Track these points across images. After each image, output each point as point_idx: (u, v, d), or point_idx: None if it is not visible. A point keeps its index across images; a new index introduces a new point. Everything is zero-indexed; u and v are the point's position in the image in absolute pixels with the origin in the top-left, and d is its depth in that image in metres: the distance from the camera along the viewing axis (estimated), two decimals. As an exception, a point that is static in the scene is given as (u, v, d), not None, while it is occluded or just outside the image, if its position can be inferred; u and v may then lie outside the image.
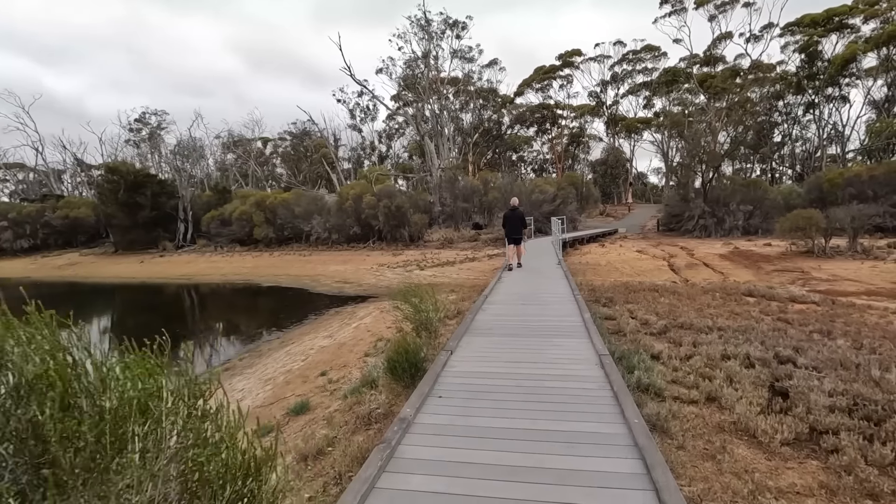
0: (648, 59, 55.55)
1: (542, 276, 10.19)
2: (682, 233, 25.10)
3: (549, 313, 6.69)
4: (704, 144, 25.85)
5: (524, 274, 10.66)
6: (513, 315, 6.73)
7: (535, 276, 10.21)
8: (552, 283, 8.92)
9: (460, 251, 24.65)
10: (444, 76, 41.20)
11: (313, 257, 26.87)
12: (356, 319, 11.83)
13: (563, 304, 7.16)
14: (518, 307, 7.22)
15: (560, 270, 10.54)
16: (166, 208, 32.45)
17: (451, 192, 29.15)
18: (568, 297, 7.68)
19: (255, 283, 22.56)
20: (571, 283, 8.61)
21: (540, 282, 9.25)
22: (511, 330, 5.90)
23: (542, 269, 11.40)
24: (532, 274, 10.61)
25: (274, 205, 29.73)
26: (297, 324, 13.37)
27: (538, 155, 65.63)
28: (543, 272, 10.58)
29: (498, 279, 9.56)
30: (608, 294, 10.49)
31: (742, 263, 17.80)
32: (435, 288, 17.34)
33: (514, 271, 11.08)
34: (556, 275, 9.92)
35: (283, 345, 10.51)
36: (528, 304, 7.43)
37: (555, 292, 7.82)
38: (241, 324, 14.61)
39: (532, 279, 9.77)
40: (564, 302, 7.20)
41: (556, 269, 10.81)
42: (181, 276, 25.84)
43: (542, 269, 11.04)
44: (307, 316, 14.34)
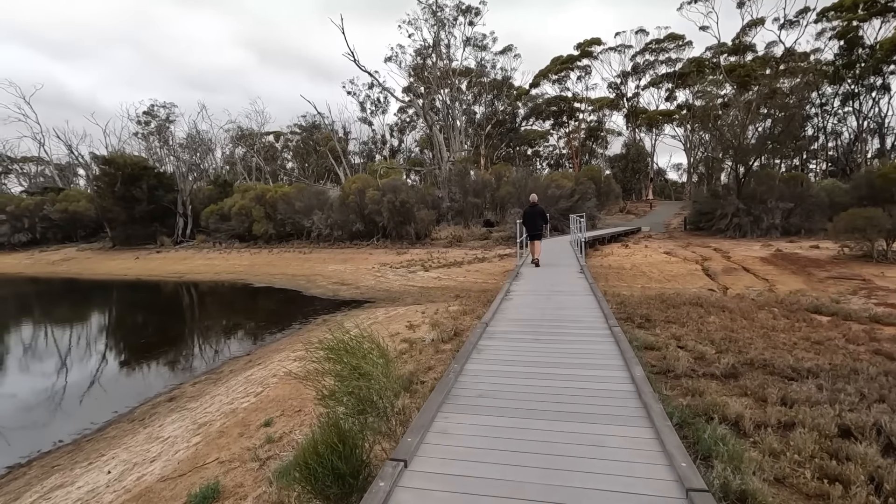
0: (672, 49, 52.81)
1: (562, 289, 8.18)
2: (714, 232, 22.88)
3: (577, 362, 4.43)
4: (732, 137, 23.53)
5: (539, 284, 8.69)
6: (521, 362, 4.48)
7: (552, 290, 8.07)
8: (575, 302, 6.90)
9: (469, 250, 22.79)
10: (455, 65, 39.23)
11: (313, 255, 25.25)
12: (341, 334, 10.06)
13: (595, 341, 5.08)
14: (529, 344, 5.03)
15: (583, 282, 8.46)
16: (164, 202, 31.11)
17: (461, 187, 27.26)
18: (599, 327, 5.59)
19: (248, 282, 21.00)
20: (603, 304, 6.64)
21: (559, 300, 7.19)
22: (518, 397, 3.65)
23: (560, 279, 9.31)
24: (549, 286, 8.59)
25: (274, 199, 28.17)
26: (277, 334, 11.70)
27: (554, 150, 63.33)
28: (563, 283, 8.67)
29: (505, 295, 7.55)
30: (642, 310, 8.57)
31: (788, 269, 15.65)
32: (440, 293, 15.56)
33: (527, 281, 9.12)
34: (580, 288, 7.98)
35: (247, 366, 8.80)
36: (542, 336, 5.28)
37: (580, 319, 5.93)
38: (217, 331, 12.98)
39: (549, 295, 7.66)
40: (595, 336, 5.24)
41: (579, 281, 8.85)
42: (173, 274, 24.44)
43: (560, 280, 9.09)
44: (291, 324, 12.68)
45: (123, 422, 6.74)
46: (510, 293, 7.55)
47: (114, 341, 12.87)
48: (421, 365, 6.11)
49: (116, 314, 17.06)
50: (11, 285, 24.43)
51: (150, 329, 14.22)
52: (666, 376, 5.20)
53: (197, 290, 20.95)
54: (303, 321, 12.82)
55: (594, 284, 7.78)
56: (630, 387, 3.61)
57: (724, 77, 43.24)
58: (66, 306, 18.80)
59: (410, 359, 6.67)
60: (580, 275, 9.24)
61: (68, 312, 17.23)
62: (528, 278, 9.16)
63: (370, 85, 50.80)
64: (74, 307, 18.81)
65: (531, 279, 9.07)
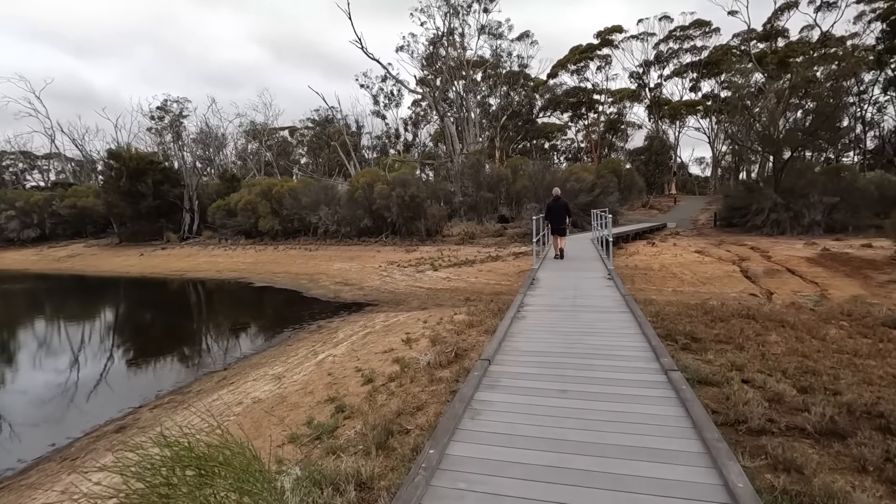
0: (698, 37, 50.43)
1: (589, 303, 6.49)
2: (748, 229, 21.07)
3: (627, 443, 2.74)
4: (770, 124, 21.61)
5: (559, 295, 7.16)
6: (537, 440, 2.80)
7: (576, 305, 6.40)
8: (609, 324, 5.36)
9: (482, 248, 21.42)
10: (469, 55, 37.70)
11: (319, 252, 24.16)
12: (330, 345, 8.84)
13: (647, 396, 3.38)
14: (549, 400, 3.34)
15: (614, 292, 7.07)
16: (170, 197, 30.32)
17: (475, 181, 25.84)
18: (648, 369, 3.93)
19: (249, 281, 19.99)
20: (647, 329, 4.97)
21: (587, 321, 5.51)
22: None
23: (585, 288, 7.57)
24: (572, 297, 6.93)
25: (280, 194, 27.15)
26: (266, 341, 10.55)
27: (572, 143, 61.39)
28: (589, 295, 7.02)
29: (517, 311, 6.05)
30: (684, 324, 7.13)
31: (840, 270, 13.93)
32: (448, 295, 14.23)
33: (544, 290, 7.65)
34: (612, 303, 6.41)
35: (219, 385, 7.62)
36: (568, 384, 3.64)
37: (619, 353, 4.34)
38: (201, 338, 11.87)
39: (573, 312, 5.97)
40: (646, 387, 3.56)
41: (608, 290, 7.32)
42: (175, 272, 23.60)
43: (585, 289, 7.44)
44: (283, 330, 11.52)
45: (54, 460, 5.59)
46: (523, 309, 6.06)
47: (83, 348, 11.84)
48: (409, 401, 4.80)
49: (99, 315, 16.09)
50: (11, 282, 23.86)
51: (129, 333, 13.23)
52: (736, 430, 3.80)
53: (194, 290, 20.03)
54: (296, 327, 11.63)
55: (630, 298, 6.25)
56: (714, 482, 2.19)
57: (753, 65, 40.86)
58: (52, 305, 17.94)
59: (399, 389, 5.37)
60: (608, 282, 7.76)
61: (50, 311, 16.34)
62: (546, 287, 7.67)
63: (383, 78, 49.63)
64: (58, 306, 17.92)
65: (549, 288, 7.60)
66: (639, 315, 5.19)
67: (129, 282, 22.50)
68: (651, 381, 3.58)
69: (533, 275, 8.57)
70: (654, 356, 4.02)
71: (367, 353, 7.61)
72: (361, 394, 5.52)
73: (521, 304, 6.20)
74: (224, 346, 10.61)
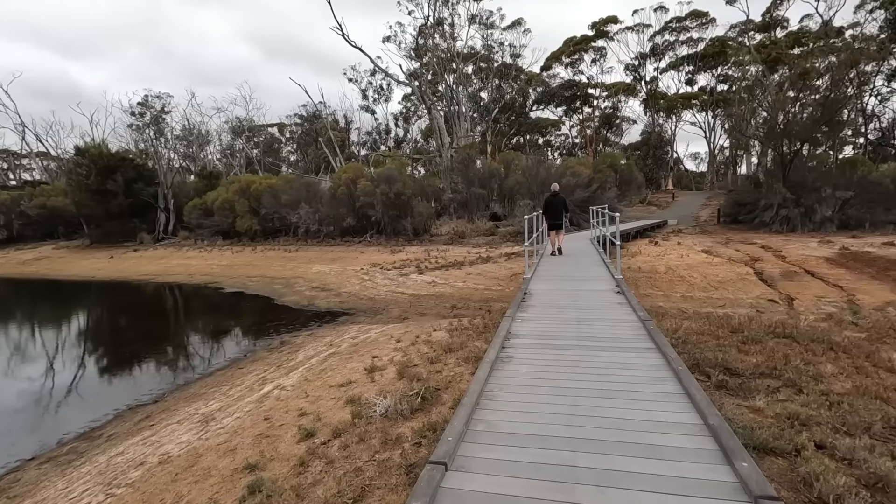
0: (694, 28, 49.18)
1: (598, 332, 4.87)
2: (755, 226, 19.76)
3: None
4: (780, 113, 20.31)
5: (559, 319, 5.53)
6: None
7: (583, 337, 4.76)
8: (631, 372, 3.78)
9: (472, 248, 20.00)
10: (460, 45, 36.18)
11: (299, 254, 22.63)
12: (283, 371, 7.38)
13: None
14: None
15: (629, 315, 5.51)
16: (143, 196, 28.58)
17: (465, 177, 24.39)
18: (709, 460, 2.50)
19: (220, 286, 18.44)
20: (691, 385, 3.48)
21: (601, 363, 3.99)
22: None
23: (591, 308, 5.93)
24: (576, 323, 5.31)
25: (259, 192, 25.56)
26: (214, 363, 9.06)
27: (566, 139, 60.03)
28: (597, 319, 5.39)
29: (501, 349, 4.44)
30: (713, 349, 5.74)
31: (865, 272, 12.62)
32: (433, 303, 12.79)
33: (539, 311, 5.98)
34: (628, 332, 4.84)
35: (136, 427, 6.15)
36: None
37: (655, 428, 2.85)
38: (147, 354, 10.32)
39: (578, 351, 4.35)
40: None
41: (620, 311, 5.74)
42: (145, 275, 22.00)
43: (592, 310, 5.82)
44: (241, 346, 10.06)
45: None
46: (510, 343, 4.58)
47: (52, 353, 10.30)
48: (348, 484, 3.36)
49: (34, 325, 14.44)
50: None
51: (65, 349, 11.66)
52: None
53: (158, 296, 18.47)
54: (254, 344, 10.16)
55: (652, 325, 4.67)
56: None
57: (754, 54, 39.59)
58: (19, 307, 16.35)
59: (342, 454, 3.92)
60: (618, 296, 6.28)
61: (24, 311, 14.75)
62: (541, 304, 6.14)
63: (372, 71, 48.02)
64: (29, 309, 16.35)
65: (545, 306, 6.06)
66: (672, 357, 3.67)
67: (91, 287, 20.91)
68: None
69: (525, 287, 7.09)
70: (722, 455, 2.49)
71: (320, 385, 6.16)
72: (292, 459, 4.07)
73: (508, 335, 4.66)
74: (166, 368, 9.10)
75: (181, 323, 13.25)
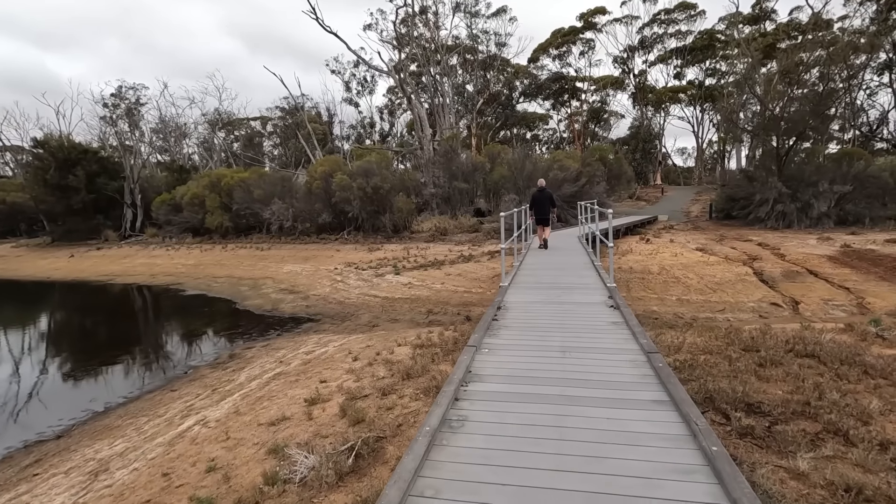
0: (682, 21, 48.43)
1: (589, 368, 3.58)
2: (750, 222, 18.90)
3: None
4: (777, 103, 19.45)
5: (537, 347, 4.17)
6: None
7: (569, 373, 3.49)
8: (641, 445, 2.42)
9: (455, 245, 18.89)
10: (444, 35, 34.90)
11: (271, 252, 21.31)
12: (215, 399, 6.21)
13: None
14: None
15: (629, 340, 4.24)
16: (108, 191, 26.94)
17: (447, 170, 23.21)
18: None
19: (182, 288, 17.13)
20: (725, 468, 2.11)
21: (596, 426, 2.65)
22: None
23: (579, 325, 4.74)
24: (559, 350, 4.05)
25: (230, 186, 24.14)
26: (150, 382, 7.84)
27: (554, 133, 59.09)
28: (588, 348, 4.06)
29: (453, 400, 3.02)
30: (726, 375, 4.70)
31: (871, 272, 11.74)
32: (407, 307, 11.65)
33: (513, 334, 4.40)
34: (627, 366, 3.57)
35: (19, 476, 4.94)
36: None
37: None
38: (78, 369, 9.01)
39: (564, 403, 2.98)
40: None
41: (617, 336, 4.38)
42: (104, 276, 20.55)
43: (579, 330, 4.56)
44: (185, 360, 8.86)
45: None
46: (465, 394, 3.16)
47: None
48: None
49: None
50: None
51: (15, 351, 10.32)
52: None
53: (113, 299, 17.07)
54: (200, 357, 8.94)
55: (660, 360, 3.39)
56: None
57: (744, 47, 38.90)
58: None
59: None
60: (612, 312, 5.08)
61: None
62: (517, 324, 4.76)
63: (355, 63, 46.49)
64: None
65: (522, 328, 4.68)
66: (699, 427, 2.46)
67: (41, 289, 19.42)
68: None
69: (500, 297, 5.92)
70: None
71: (249, 422, 4.99)
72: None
73: (466, 376, 3.36)
74: (90, 389, 7.85)
75: (126, 332, 11.92)
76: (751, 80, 21.89)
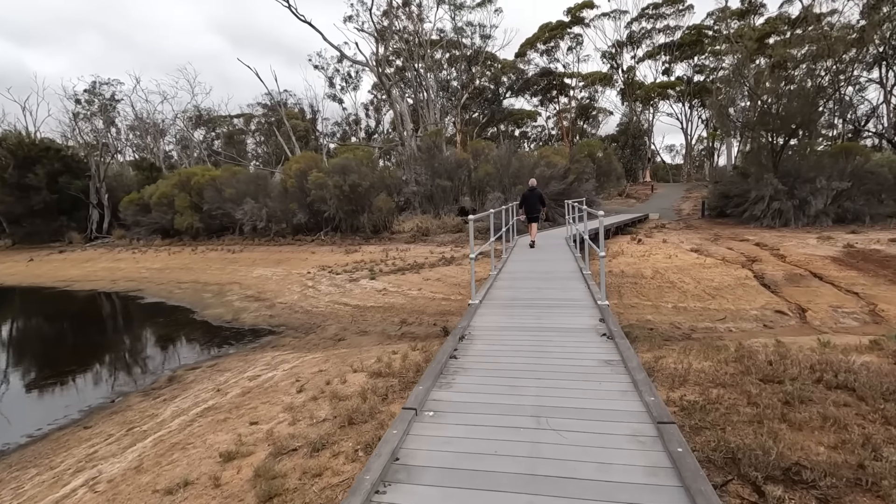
0: (671, 15, 47.67)
1: (572, 445, 2.38)
2: (745, 220, 18.09)
3: None
4: (773, 99, 18.67)
5: (510, 403, 2.95)
6: None
7: (544, 458, 2.28)
8: None
9: (437, 247, 17.85)
10: (428, 27, 33.77)
11: (243, 255, 20.09)
12: (121, 448, 5.10)
13: None
14: None
15: (632, 398, 2.96)
16: (71, 190, 25.45)
17: (429, 167, 22.14)
18: None
19: (141, 295, 15.89)
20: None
21: None
22: None
23: (564, 364, 3.60)
24: (533, 415, 2.77)
25: (200, 185, 22.84)
26: (71, 413, 6.69)
27: (542, 130, 58.27)
28: (575, 410, 2.83)
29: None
30: (749, 421, 3.72)
31: (880, 274, 10.90)
32: (379, 317, 10.56)
33: (475, 385, 3.18)
34: (637, 452, 2.29)
35: None
36: None
37: None
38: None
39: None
40: None
41: (615, 390, 3.10)
42: (62, 281, 19.21)
43: (563, 375, 3.37)
44: (118, 382, 7.73)
45: None
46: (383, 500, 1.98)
47: None
48: None
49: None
50: None
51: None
52: None
53: (61, 307, 15.71)
54: (133, 384, 7.80)
55: (673, 431, 2.28)
56: None
57: (733, 41, 38.30)
58: None
59: None
60: (606, 345, 3.87)
61: None
62: (478, 372, 3.53)
63: (339, 58, 45.08)
64: None
65: (485, 370, 3.58)
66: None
67: None
68: None
69: (465, 322, 4.74)
70: None
71: (143, 486, 3.91)
72: None
73: (387, 472, 2.15)
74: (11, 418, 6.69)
75: (62, 348, 10.69)
76: (743, 74, 21.10)
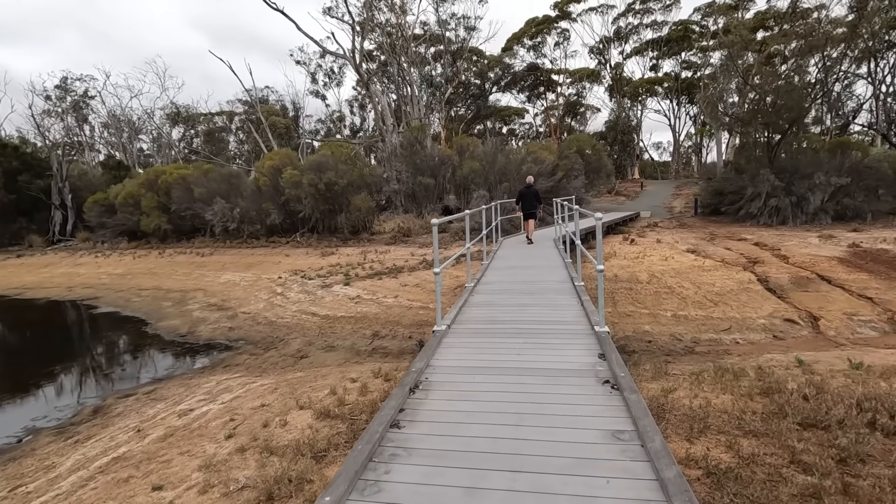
0: (658, 10, 47.05)
1: None
2: (740, 218, 17.30)
3: None
4: (770, 92, 17.92)
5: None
6: None
7: None
8: None
9: (418, 248, 16.81)
10: (411, 20, 32.64)
11: (213, 259, 18.82)
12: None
13: None
14: None
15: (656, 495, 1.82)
16: (31, 190, 23.93)
17: (411, 164, 21.06)
18: None
19: (95, 304, 14.62)
20: None
21: None
22: None
23: (551, 432, 2.39)
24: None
25: (168, 184, 21.50)
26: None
27: (530, 128, 57.44)
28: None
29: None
30: (803, 500, 2.75)
31: (893, 277, 10.07)
32: (349, 329, 9.39)
33: (429, 470, 2.62)
34: None
35: None
36: None
37: None
38: None
39: None
40: None
41: (631, 482, 1.92)
42: (14, 288, 17.82)
43: (552, 455, 2.14)
44: (32, 417, 6.59)
45: None
46: None
47: None
48: None
49: None
50: None
51: None
52: None
53: (9, 319, 14.38)
54: (52, 416, 6.66)
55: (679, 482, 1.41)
56: None
57: (721, 36, 37.79)
58: None
59: None
60: (610, 399, 2.57)
61: None
62: (425, 454, 2.28)
63: (321, 53, 43.71)
64: None
65: (434, 461, 2.22)
66: None
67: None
68: None
69: (423, 363, 3.52)
70: None
71: None
72: None
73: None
74: None
75: (22, 364, 9.45)
76: (736, 65, 20.34)
